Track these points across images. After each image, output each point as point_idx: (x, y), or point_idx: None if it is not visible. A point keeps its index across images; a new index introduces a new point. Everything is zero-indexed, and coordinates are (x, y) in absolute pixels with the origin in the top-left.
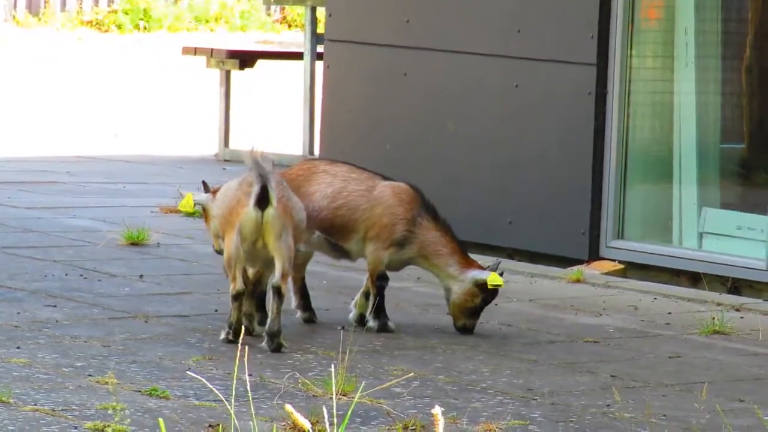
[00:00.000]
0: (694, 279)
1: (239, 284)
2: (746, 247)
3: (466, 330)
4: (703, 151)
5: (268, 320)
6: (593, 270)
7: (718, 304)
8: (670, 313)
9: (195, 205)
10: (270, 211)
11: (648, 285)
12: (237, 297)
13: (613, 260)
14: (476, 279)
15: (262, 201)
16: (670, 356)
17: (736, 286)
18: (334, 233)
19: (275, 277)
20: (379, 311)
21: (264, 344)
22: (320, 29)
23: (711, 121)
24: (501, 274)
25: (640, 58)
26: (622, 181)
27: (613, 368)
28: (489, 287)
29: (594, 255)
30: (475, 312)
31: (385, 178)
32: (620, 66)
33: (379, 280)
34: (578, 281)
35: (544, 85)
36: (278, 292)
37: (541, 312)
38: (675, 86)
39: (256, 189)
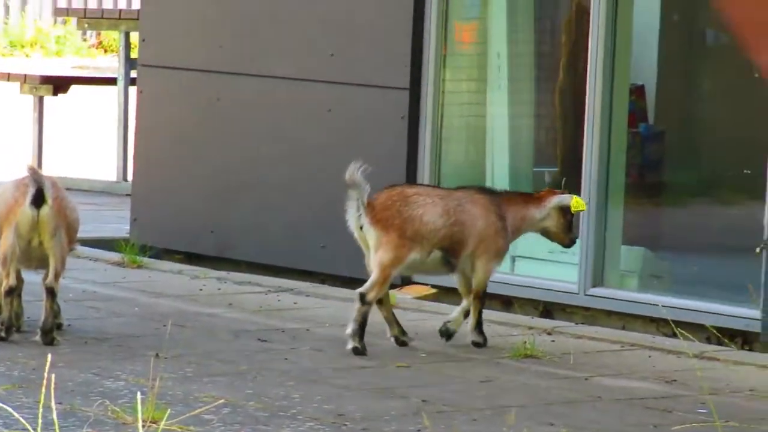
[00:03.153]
0: (506, 302)
1: (12, 280)
2: (558, 271)
3: (573, 242)
4: (516, 175)
5: (42, 317)
6: (406, 294)
7: (530, 328)
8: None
9: None
10: (45, 210)
11: None
12: (9, 293)
13: (426, 284)
14: (560, 204)
15: (38, 200)
16: (481, 380)
17: (548, 309)
18: (450, 250)
19: (48, 276)
20: (481, 325)
21: (38, 338)
22: (135, 54)
23: (524, 144)
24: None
25: (453, 82)
26: None
27: (425, 393)
28: (573, 212)
29: (407, 279)
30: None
31: (455, 188)
32: (433, 90)
33: (485, 296)
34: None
35: (358, 110)
36: (51, 292)
37: None
38: (488, 110)
39: (31, 190)
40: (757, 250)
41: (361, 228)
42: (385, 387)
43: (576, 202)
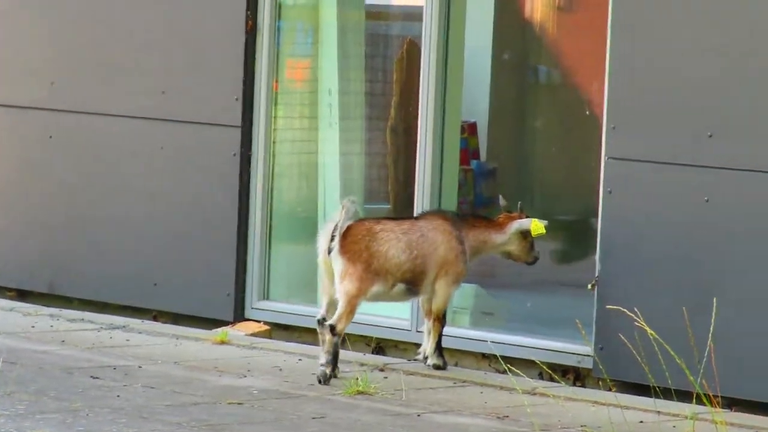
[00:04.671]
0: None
1: None
2: (391, 308)
3: (536, 260)
4: None
5: None
6: (238, 331)
7: (362, 364)
8: (314, 373)
9: None
10: None
11: (293, 346)
12: None
13: (259, 321)
14: (521, 229)
15: None
16: (313, 417)
17: (381, 346)
18: (412, 281)
19: None
20: (441, 348)
21: None
22: None
23: (356, 181)
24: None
25: (285, 119)
26: (267, 242)
27: (256, 430)
28: (533, 235)
29: (239, 316)
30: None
31: (415, 217)
32: (265, 127)
33: (444, 318)
34: (223, 343)
35: (190, 147)
36: None
37: (186, 374)
38: (320, 146)
39: None
40: (589, 286)
41: (329, 252)
42: (216, 423)
43: (535, 226)
